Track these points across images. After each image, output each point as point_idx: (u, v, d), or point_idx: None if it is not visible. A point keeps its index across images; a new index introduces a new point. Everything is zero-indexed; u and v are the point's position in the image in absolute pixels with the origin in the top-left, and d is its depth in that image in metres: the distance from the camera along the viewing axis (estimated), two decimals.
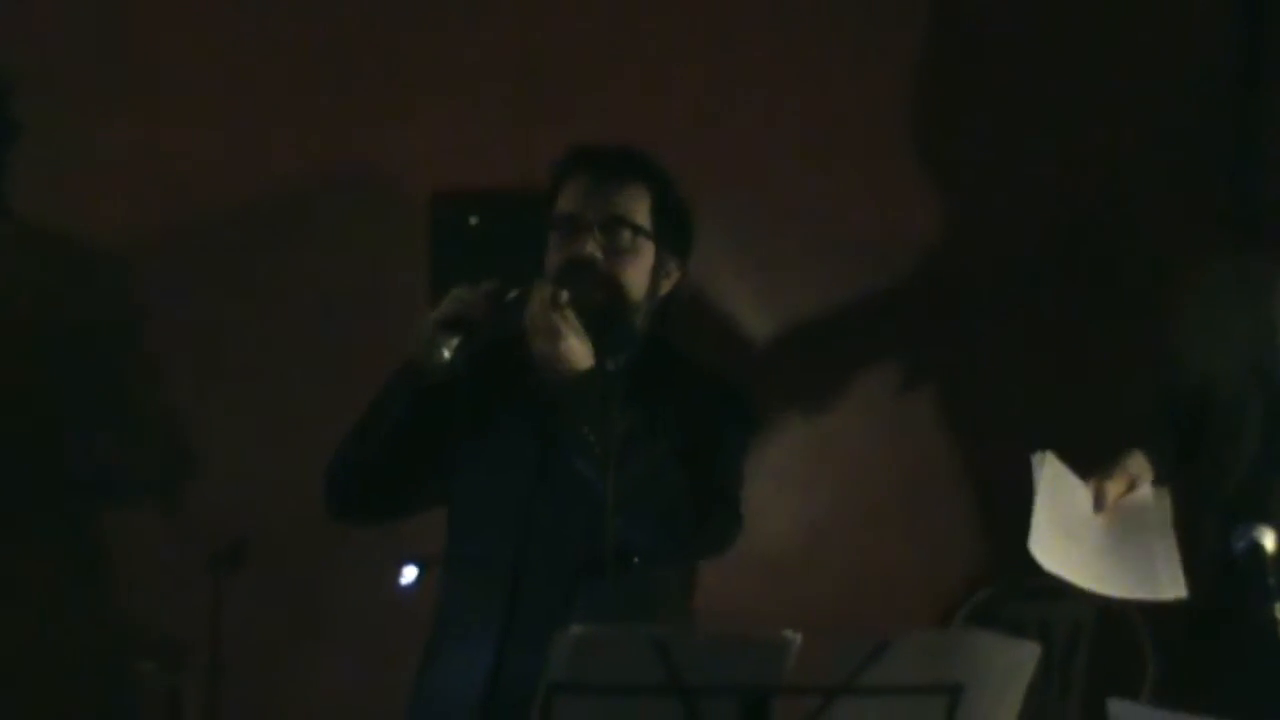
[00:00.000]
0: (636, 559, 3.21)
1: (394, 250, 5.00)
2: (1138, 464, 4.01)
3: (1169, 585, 3.88)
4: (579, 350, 3.23)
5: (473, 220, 4.79)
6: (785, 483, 5.23)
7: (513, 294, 3.29)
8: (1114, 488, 3.97)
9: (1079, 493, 3.96)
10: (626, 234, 3.39)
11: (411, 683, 3.47)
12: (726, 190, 5.15)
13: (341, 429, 3.40)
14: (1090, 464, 4.44)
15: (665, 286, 3.45)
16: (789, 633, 2.68)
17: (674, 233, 3.45)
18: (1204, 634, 3.99)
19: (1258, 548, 3.71)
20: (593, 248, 3.36)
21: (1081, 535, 3.92)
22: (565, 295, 3.25)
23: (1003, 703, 2.80)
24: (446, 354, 3.26)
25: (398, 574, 3.59)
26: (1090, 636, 5.07)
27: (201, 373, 5.00)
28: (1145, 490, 3.99)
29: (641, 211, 3.41)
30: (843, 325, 5.32)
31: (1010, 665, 2.81)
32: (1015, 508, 4.21)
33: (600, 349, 3.26)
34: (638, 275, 3.40)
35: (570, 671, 2.65)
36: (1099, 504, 3.96)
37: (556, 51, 5.12)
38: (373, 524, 3.49)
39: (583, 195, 3.41)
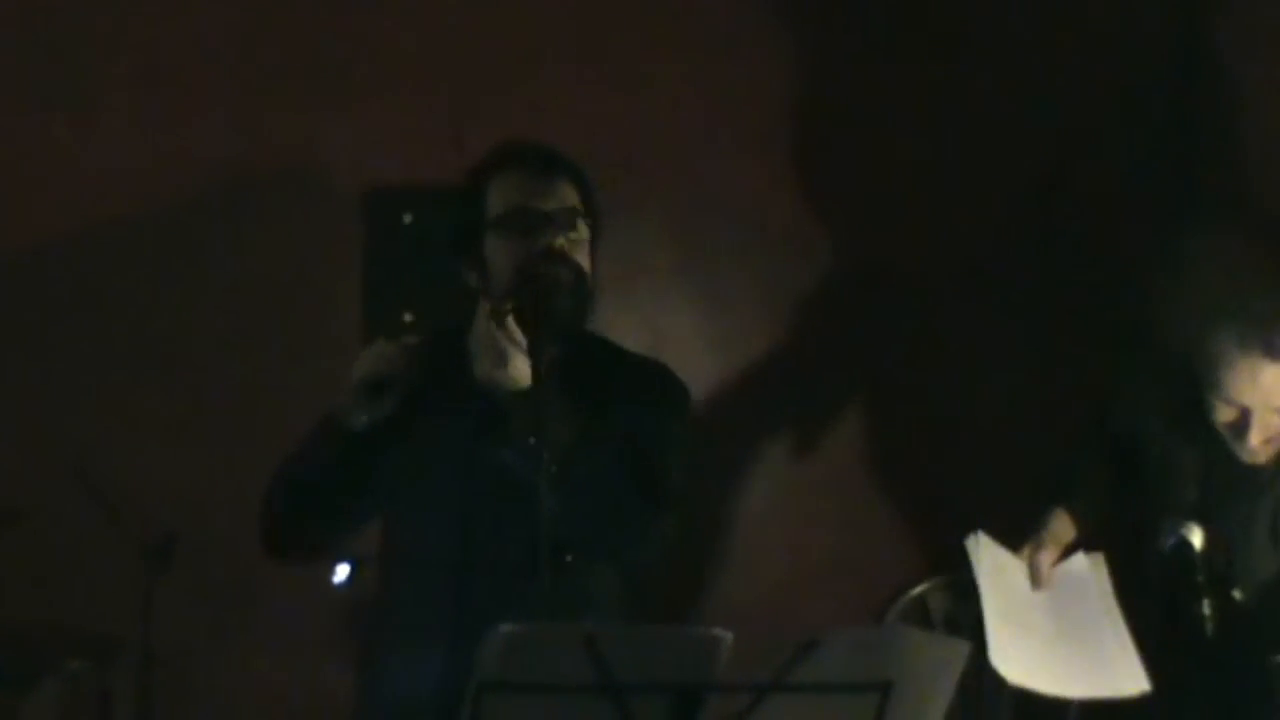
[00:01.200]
0: (569, 557, 3.21)
1: (328, 248, 4.98)
2: (1062, 525, 4.00)
3: (1129, 678, 3.88)
4: (523, 369, 3.23)
5: (407, 218, 4.75)
6: (719, 479, 5.24)
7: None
8: (1046, 558, 3.96)
9: (1016, 572, 3.95)
10: (581, 223, 3.41)
11: (344, 679, 3.46)
12: (661, 184, 5.17)
13: (271, 425, 3.39)
14: (1027, 461, 4.47)
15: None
16: (720, 630, 2.68)
17: (597, 223, 3.47)
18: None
19: (1185, 544, 3.73)
20: (561, 240, 3.36)
21: (1031, 625, 3.91)
22: (509, 305, 3.26)
23: (933, 699, 2.81)
24: (366, 418, 3.27)
25: (330, 571, 3.58)
26: None
27: (131, 369, 4.97)
28: (1079, 559, 3.99)
29: (576, 202, 3.43)
30: (777, 319, 5.33)
31: (940, 662, 2.82)
32: (950, 503, 4.24)
33: (557, 342, 3.26)
34: (588, 263, 3.41)
35: (500, 670, 2.65)
36: (1036, 580, 3.95)
37: (491, 47, 5.11)
38: (315, 558, 3.48)
39: (524, 189, 3.40)
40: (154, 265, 5.02)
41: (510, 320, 3.25)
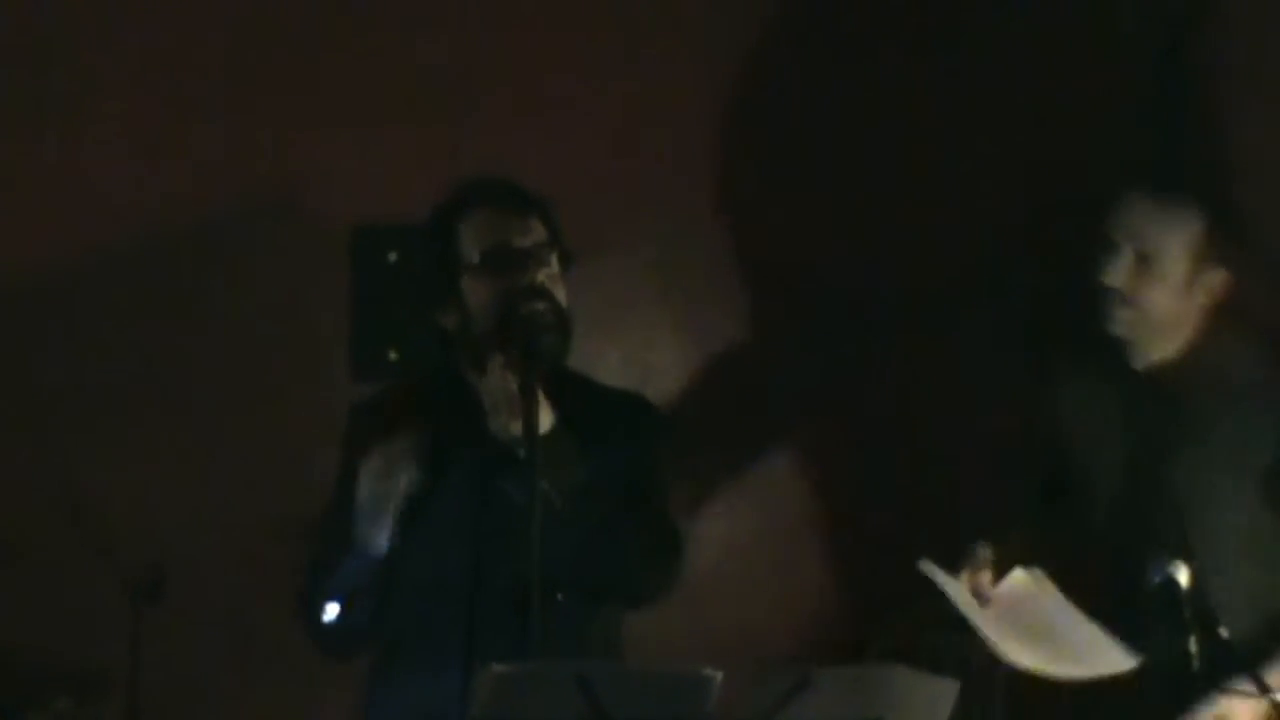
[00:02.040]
0: (560, 596, 3.22)
1: (313, 285, 4.98)
2: (987, 553, 4.03)
3: (1115, 659, 3.89)
4: (540, 418, 3.25)
5: (392, 256, 4.74)
6: (703, 509, 5.24)
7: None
8: (986, 578, 3.99)
9: (965, 594, 3.99)
10: (555, 259, 3.42)
11: (337, 713, 3.47)
12: (643, 218, 5.17)
13: (258, 459, 3.38)
14: (1018, 494, 4.50)
15: None
16: (710, 670, 2.70)
17: (566, 254, 3.48)
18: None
19: (1172, 582, 3.74)
20: (541, 277, 3.37)
21: (1003, 630, 3.95)
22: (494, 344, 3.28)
23: None
24: (390, 528, 3.30)
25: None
26: (1007, 668, 5.10)
27: (119, 403, 4.97)
28: (1018, 574, 4.02)
29: (546, 236, 3.44)
30: (759, 349, 5.34)
31: (929, 700, 2.84)
32: (937, 536, 4.23)
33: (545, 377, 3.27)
34: (563, 296, 3.43)
35: (493, 709, 2.66)
36: (981, 600, 3.98)
37: (476, 86, 5.12)
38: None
39: (499, 227, 3.41)
40: (139, 300, 5.02)
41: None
